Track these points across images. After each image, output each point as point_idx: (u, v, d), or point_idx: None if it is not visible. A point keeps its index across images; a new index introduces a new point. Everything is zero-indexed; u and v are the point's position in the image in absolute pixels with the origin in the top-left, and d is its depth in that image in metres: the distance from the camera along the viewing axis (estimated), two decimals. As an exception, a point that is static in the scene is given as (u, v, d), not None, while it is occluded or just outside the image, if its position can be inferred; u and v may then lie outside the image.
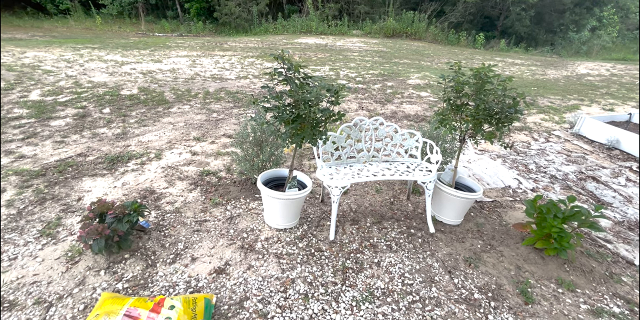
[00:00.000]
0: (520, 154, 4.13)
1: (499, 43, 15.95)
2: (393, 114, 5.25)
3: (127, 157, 3.43)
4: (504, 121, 2.29)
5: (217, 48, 11.09)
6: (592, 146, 4.48)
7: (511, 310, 1.93)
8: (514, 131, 4.88)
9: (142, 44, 11.00)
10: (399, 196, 3.04)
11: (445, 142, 3.02)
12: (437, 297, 1.99)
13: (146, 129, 4.21)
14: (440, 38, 16.36)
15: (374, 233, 2.51)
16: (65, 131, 4.00)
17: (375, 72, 8.41)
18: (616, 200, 3.20)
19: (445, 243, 2.45)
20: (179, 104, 5.21)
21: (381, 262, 2.23)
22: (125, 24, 16.01)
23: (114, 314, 1.61)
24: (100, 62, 7.82)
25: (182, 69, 7.67)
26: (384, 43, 14.49)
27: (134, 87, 5.97)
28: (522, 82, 8.36)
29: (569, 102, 6.61)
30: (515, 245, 2.47)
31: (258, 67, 8.26)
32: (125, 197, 2.77)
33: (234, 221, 2.55)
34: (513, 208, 2.98)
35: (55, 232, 2.32)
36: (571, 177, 3.61)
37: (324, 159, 2.57)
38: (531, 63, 12.18)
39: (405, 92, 6.64)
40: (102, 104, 5.00)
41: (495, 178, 3.47)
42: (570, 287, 2.11)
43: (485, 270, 2.22)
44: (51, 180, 2.96)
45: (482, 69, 2.24)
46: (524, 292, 2.04)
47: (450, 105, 2.43)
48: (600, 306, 2.00)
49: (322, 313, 1.83)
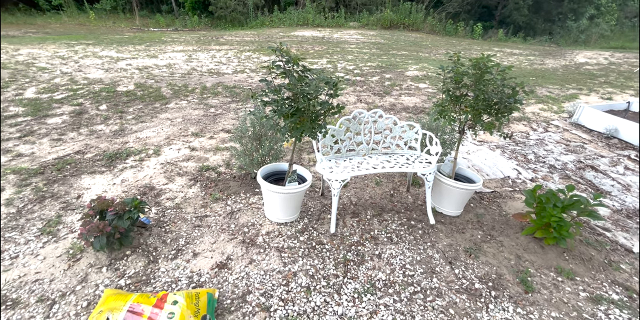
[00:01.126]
0: (519, 144, 4.13)
1: (497, 33, 15.81)
2: (392, 106, 5.23)
3: (125, 154, 3.42)
4: (503, 111, 2.28)
5: (213, 42, 10.97)
6: (590, 135, 4.48)
7: (511, 299, 1.95)
8: (513, 122, 4.87)
9: (137, 39, 10.86)
10: (398, 188, 3.05)
11: (445, 133, 3.01)
12: (438, 288, 2.00)
13: (144, 125, 4.18)
14: (438, 29, 16.20)
15: (374, 225, 2.52)
16: (62, 129, 3.97)
17: (373, 64, 8.34)
18: (614, 188, 3.21)
19: (445, 234, 2.46)
20: (176, 100, 5.17)
21: (382, 254, 2.24)
22: (119, 19, 15.80)
23: (118, 310, 1.62)
24: (95, 58, 7.73)
25: (179, 64, 7.60)
26: (382, 35, 14.35)
27: (130, 83, 5.92)
28: (520, 72, 8.31)
29: (568, 92, 6.59)
30: (515, 235, 2.49)
31: (255, 61, 8.18)
32: (125, 194, 2.77)
33: (235, 216, 2.56)
34: (512, 198, 2.99)
35: (55, 230, 2.33)
36: (570, 166, 3.61)
37: (324, 152, 2.57)
38: (529, 53, 12.09)
39: (403, 84, 6.59)
40: (98, 100, 4.96)
41: (494, 169, 3.48)
42: (570, 275, 2.13)
43: (485, 260, 2.24)
44: (50, 178, 2.95)
45: (481, 59, 2.22)
46: (524, 281, 2.06)
47: (449, 96, 2.41)
48: (599, 293, 2.02)
49: (325, 305, 1.85)
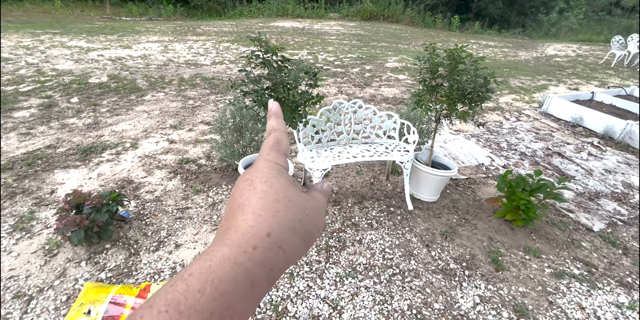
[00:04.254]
0: (493, 133, 4.31)
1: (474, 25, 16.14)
2: (372, 97, 5.30)
3: (101, 148, 3.32)
4: (476, 100, 2.37)
5: (190, 33, 10.63)
6: (558, 124, 4.72)
7: (483, 277, 2.07)
8: (487, 111, 5.06)
9: (108, 29, 10.37)
10: (378, 177, 3.13)
11: (422, 123, 3.10)
12: (416, 269, 2.10)
13: (119, 118, 4.06)
14: (417, 21, 16.36)
15: (355, 213, 2.60)
16: (30, 122, 3.79)
17: (354, 55, 8.36)
18: (578, 173, 3.43)
19: (422, 219, 2.57)
20: (153, 92, 5.03)
21: (363, 239, 2.32)
22: (87, 7, 14.98)
23: (99, 302, 1.61)
24: (63, 48, 7.34)
25: (154, 55, 7.34)
26: (362, 26, 14.34)
27: (103, 74, 5.68)
28: (495, 63, 8.57)
29: (538, 83, 6.87)
30: (487, 218, 2.63)
31: (234, 52, 8.02)
32: (102, 188, 2.71)
33: (217, 207, 2.56)
34: (486, 184, 3.14)
35: (29, 226, 2.26)
36: (539, 153, 3.81)
37: (305, 142, 2.59)
38: (504, 45, 12.45)
39: (383, 75, 6.67)
40: (69, 93, 4.75)
41: (469, 156, 3.62)
42: (536, 253, 2.29)
43: (460, 242, 2.36)
44: (20, 173, 2.84)
45: (455, 50, 2.29)
46: (495, 260, 2.20)
47: (425, 86, 2.48)
48: (562, 269, 2.18)
49: (308, 290, 1.91)
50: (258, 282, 0.22)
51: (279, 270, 0.24)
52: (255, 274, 0.22)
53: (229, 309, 0.20)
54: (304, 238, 0.26)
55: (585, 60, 9.93)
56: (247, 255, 0.22)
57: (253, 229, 0.24)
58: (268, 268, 0.23)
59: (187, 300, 0.19)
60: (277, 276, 0.24)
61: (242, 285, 0.21)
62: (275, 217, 0.25)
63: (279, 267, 0.24)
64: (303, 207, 0.27)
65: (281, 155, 0.32)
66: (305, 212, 0.27)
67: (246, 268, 0.22)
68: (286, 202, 0.26)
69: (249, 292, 0.22)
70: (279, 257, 0.24)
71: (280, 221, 0.25)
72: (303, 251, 0.26)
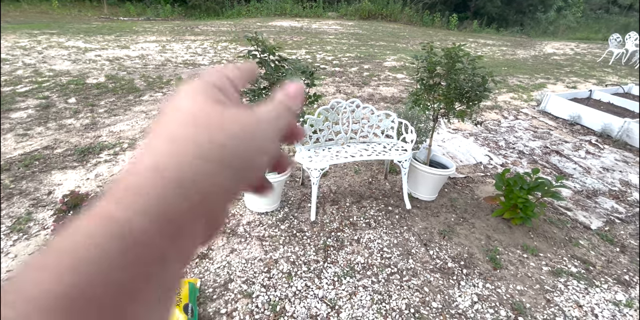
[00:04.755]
0: (492, 131, 4.31)
1: (472, 24, 16.14)
2: (370, 97, 5.29)
3: (98, 148, 3.31)
4: (474, 99, 2.37)
5: (187, 32, 10.61)
6: (556, 122, 4.72)
7: (481, 276, 2.08)
8: (486, 110, 5.06)
9: (106, 29, 10.34)
10: (376, 176, 3.13)
11: (420, 122, 3.10)
12: (414, 268, 2.11)
13: (117, 119, 4.05)
14: (415, 19, 16.34)
15: (353, 212, 2.60)
16: (28, 123, 3.78)
17: (352, 54, 8.35)
18: (576, 171, 3.43)
19: (421, 218, 2.57)
20: (151, 92, 5.01)
21: (361, 238, 2.32)
22: (85, 8, 14.93)
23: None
24: (60, 49, 7.32)
25: (152, 55, 7.32)
26: (360, 25, 14.33)
27: (101, 75, 5.67)
28: (493, 62, 8.57)
29: (537, 81, 6.88)
30: (485, 217, 2.63)
31: (232, 52, 8.01)
32: (100, 189, 2.70)
33: (215, 207, 2.56)
34: (484, 183, 3.14)
35: (26, 228, 2.25)
36: (537, 151, 3.82)
37: (302, 142, 2.59)
38: (502, 43, 12.45)
39: (381, 74, 6.66)
40: (66, 93, 4.74)
41: (467, 155, 3.62)
42: (534, 252, 2.29)
43: (458, 241, 2.36)
44: (17, 174, 2.83)
45: (452, 49, 2.29)
46: (493, 259, 2.20)
47: (423, 85, 2.48)
48: (559, 267, 2.18)
49: (306, 289, 1.91)
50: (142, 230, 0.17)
51: (189, 206, 0.19)
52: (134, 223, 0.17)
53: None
54: (231, 164, 0.21)
55: (583, 58, 9.94)
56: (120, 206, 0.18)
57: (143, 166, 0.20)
58: (163, 214, 0.18)
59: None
60: (195, 220, 0.19)
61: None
62: (174, 142, 0.20)
63: (189, 203, 0.19)
64: (226, 128, 0.21)
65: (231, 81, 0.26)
66: (229, 132, 0.21)
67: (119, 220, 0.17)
68: (198, 121, 0.21)
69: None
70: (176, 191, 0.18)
71: (178, 148, 0.20)
72: (240, 181, 0.22)
